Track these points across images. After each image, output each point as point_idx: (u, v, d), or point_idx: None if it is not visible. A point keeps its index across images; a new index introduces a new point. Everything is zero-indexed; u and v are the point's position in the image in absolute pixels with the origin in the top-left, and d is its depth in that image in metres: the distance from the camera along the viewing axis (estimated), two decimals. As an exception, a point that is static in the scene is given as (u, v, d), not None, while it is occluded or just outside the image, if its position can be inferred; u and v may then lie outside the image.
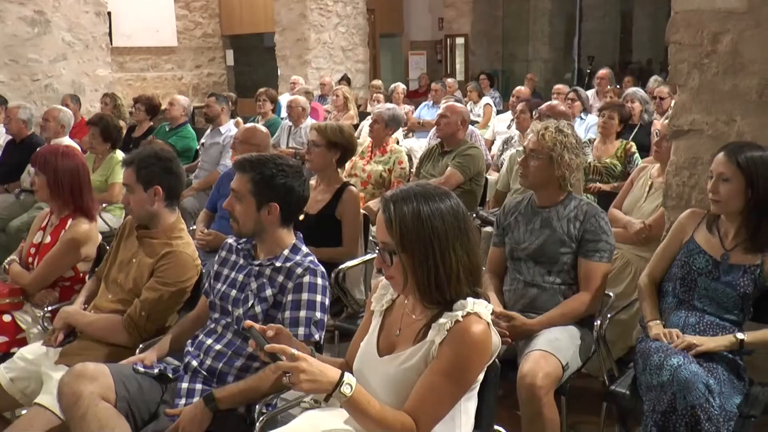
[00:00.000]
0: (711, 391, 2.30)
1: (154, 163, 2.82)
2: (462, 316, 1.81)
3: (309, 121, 6.81)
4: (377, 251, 1.88)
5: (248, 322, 1.83)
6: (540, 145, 2.94)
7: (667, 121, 3.43)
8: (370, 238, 3.98)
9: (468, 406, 1.93)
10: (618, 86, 8.44)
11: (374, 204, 4.49)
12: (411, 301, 1.97)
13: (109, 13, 8.42)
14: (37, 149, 3.41)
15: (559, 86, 7.82)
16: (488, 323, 1.85)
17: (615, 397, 2.68)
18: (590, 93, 8.03)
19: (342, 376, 1.71)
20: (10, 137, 6.05)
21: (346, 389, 1.71)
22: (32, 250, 3.33)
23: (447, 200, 1.86)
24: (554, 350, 2.63)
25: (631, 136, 5.52)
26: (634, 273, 3.53)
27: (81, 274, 3.27)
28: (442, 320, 1.83)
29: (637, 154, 4.84)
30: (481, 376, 1.90)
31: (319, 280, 2.40)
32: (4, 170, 5.90)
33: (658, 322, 2.67)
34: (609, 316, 2.89)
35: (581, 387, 3.09)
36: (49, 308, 3.12)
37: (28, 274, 3.23)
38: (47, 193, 3.25)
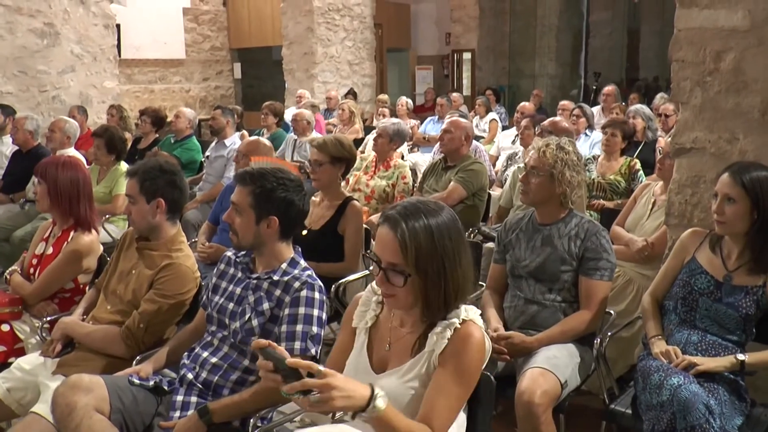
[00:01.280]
0: (711, 411, 2.27)
1: (158, 175, 2.83)
2: (459, 324, 1.85)
3: (314, 135, 6.83)
4: (380, 270, 1.84)
5: (261, 341, 1.75)
6: (541, 162, 2.93)
7: (670, 138, 3.42)
8: (365, 253, 3.96)
9: (460, 415, 1.94)
10: (624, 103, 8.43)
11: (377, 218, 4.48)
12: (399, 315, 1.96)
13: (118, 26, 8.49)
14: (42, 160, 3.43)
15: (564, 102, 7.83)
16: (481, 326, 1.89)
17: (615, 416, 2.66)
18: (596, 109, 8.02)
19: (373, 390, 1.65)
20: (16, 148, 6.09)
21: (380, 403, 1.64)
22: (34, 261, 3.33)
23: (446, 212, 1.88)
24: (553, 368, 2.61)
25: (636, 153, 5.51)
26: (636, 291, 3.51)
27: (81, 286, 3.27)
28: (438, 329, 1.85)
29: (641, 172, 4.83)
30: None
31: (317, 295, 2.39)
32: (10, 180, 5.93)
33: (660, 337, 2.66)
34: (610, 334, 2.87)
35: (581, 405, 3.07)
36: (48, 319, 3.12)
37: (28, 285, 3.23)
38: (47, 202, 3.26)
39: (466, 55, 14.84)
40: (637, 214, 3.88)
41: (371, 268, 1.89)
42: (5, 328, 3.13)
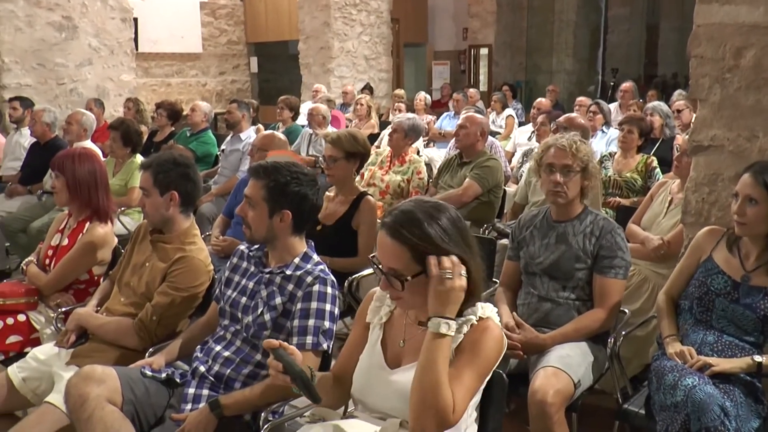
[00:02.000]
0: (727, 413, 2.24)
1: (171, 168, 2.83)
2: (476, 321, 1.86)
3: (330, 129, 6.82)
4: (382, 274, 1.86)
5: (273, 342, 1.79)
6: (575, 159, 2.91)
7: (687, 136, 3.38)
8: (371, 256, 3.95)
9: (475, 403, 1.95)
10: (642, 100, 8.35)
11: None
12: (413, 312, 1.97)
13: (135, 20, 8.54)
14: (58, 152, 3.45)
15: (581, 99, 7.77)
16: (498, 324, 1.90)
17: (628, 416, 2.64)
18: (613, 106, 7.96)
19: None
20: (34, 140, 6.13)
21: (450, 329, 1.77)
22: (50, 252, 3.36)
23: (446, 214, 1.87)
24: (566, 367, 2.59)
25: (653, 151, 5.46)
26: (651, 290, 3.47)
27: (96, 277, 3.29)
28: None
29: (658, 169, 4.78)
30: (485, 379, 1.92)
31: (329, 289, 2.39)
32: (28, 172, 5.98)
33: (675, 337, 2.63)
34: (624, 333, 2.84)
35: (594, 404, 3.05)
36: (63, 309, 3.14)
37: (44, 276, 3.26)
38: (66, 195, 3.28)
39: (483, 51, 14.78)
40: (654, 212, 3.84)
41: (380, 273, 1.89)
42: (21, 318, 3.17)
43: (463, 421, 1.87)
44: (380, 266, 1.86)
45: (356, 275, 3.45)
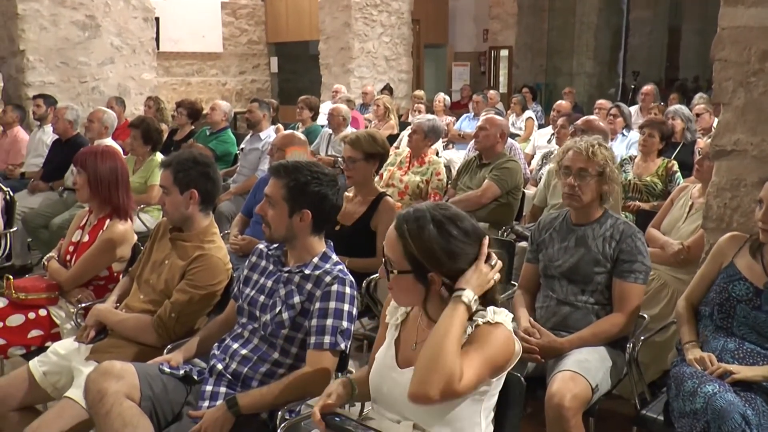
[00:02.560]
0: (748, 422, 2.20)
1: (191, 167, 2.85)
2: (482, 323, 1.87)
3: (349, 130, 6.83)
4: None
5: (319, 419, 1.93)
6: (591, 162, 2.88)
7: (710, 140, 3.34)
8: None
9: (488, 408, 1.94)
10: (662, 103, 8.29)
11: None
12: (425, 315, 1.98)
13: (157, 19, 8.60)
14: (81, 149, 3.48)
15: (601, 101, 7.73)
16: (511, 330, 1.90)
17: (646, 422, 2.62)
18: (633, 109, 7.90)
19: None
20: (56, 137, 6.20)
21: (472, 301, 1.84)
22: (70, 248, 3.39)
23: (459, 225, 1.90)
24: (584, 371, 2.57)
25: (674, 155, 5.41)
26: (670, 295, 3.44)
27: (115, 274, 3.32)
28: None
29: (678, 173, 4.74)
30: (500, 382, 1.92)
31: (347, 290, 2.39)
32: (50, 169, 6.04)
33: (695, 343, 2.60)
34: (643, 338, 2.82)
35: (611, 409, 3.02)
36: (83, 305, 3.17)
37: (65, 272, 3.29)
38: (87, 191, 3.31)
39: (504, 53, 14.74)
40: (674, 216, 3.80)
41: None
42: (42, 313, 3.20)
43: (476, 424, 1.87)
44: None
45: (374, 276, 3.45)
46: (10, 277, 3.24)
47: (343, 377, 2.14)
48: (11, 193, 4.67)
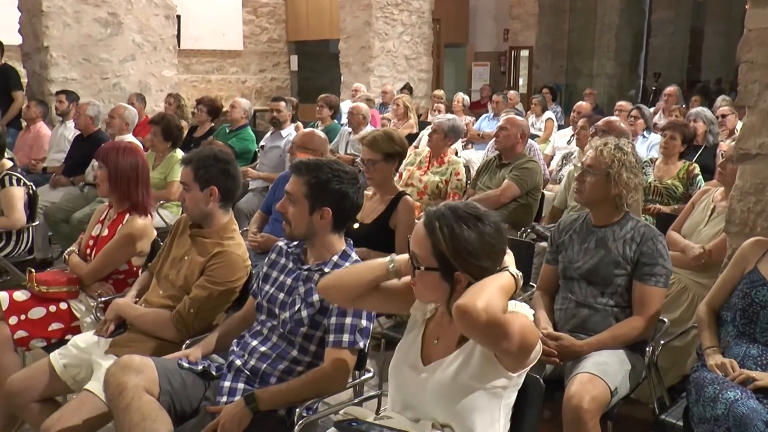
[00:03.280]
0: (771, 429, 2.18)
1: (212, 164, 2.86)
2: None
3: (369, 129, 6.83)
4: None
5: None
6: (597, 161, 2.87)
7: (733, 142, 3.31)
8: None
9: (507, 405, 1.94)
10: (684, 105, 8.21)
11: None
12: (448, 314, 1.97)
13: (178, 17, 8.64)
14: (102, 145, 3.50)
15: (621, 103, 7.67)
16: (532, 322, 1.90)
17: (665, 427, 2.59)
18: (654, 111, 7.84)
19: None
20: (78, 132, 6.26)
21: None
22: (91, 242, 3.42)
23: (487, 223, 1.89)
24: (603, 374, 2.55)
25: (695, 158, 5.36)
26: (690, 299, 3.41)
27: (134, 268, 3.34)
28: None
29: (700, 176, 4.70)
30: (520, 379, 1.92)
31: (366, 288, 2.39)
32: (71, 164, 6.10)
33: (716, 349, 2.57)
34: (663, 342, 2.80)
35: (629, 413, 3.00)
36: (102, 299, 3.20)
37: (85, 265, 3.32)
38: (107, 186, 3.33)
39: (524, 53, 14.69)
40: (695, 220, 3.76)
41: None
42: (63, 306, 3.23)
43: (496, 421, 1.86)
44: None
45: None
46: (32, 270, 3.27)
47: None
48: (34, 188, 4.72)
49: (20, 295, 3.20)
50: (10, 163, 4.64)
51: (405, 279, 2.08)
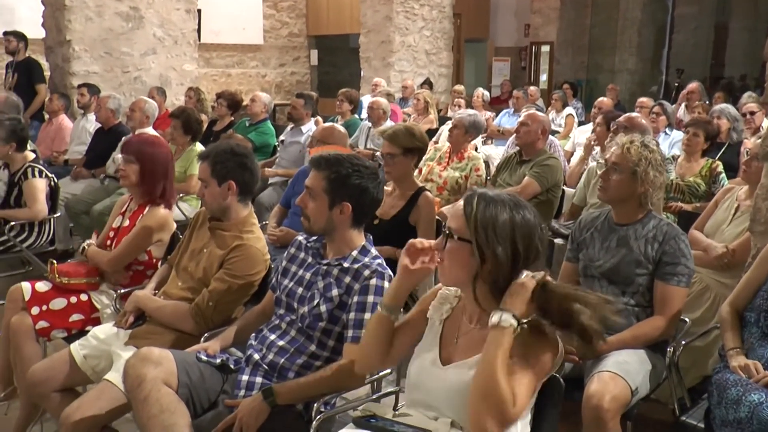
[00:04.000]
0: (796, 433, 2.15)
1: (229, 158, 2.86)
2: (526, 325, 1.83)
3: (389, 124, 6.81)
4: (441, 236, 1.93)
5: None
6: (624, 158, 2.83)
7: (759, 140, 3.26)
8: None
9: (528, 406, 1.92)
10: (707, 102, 8.11)
11: (448, 210, 4.43)
12: (469, 312, 1.97)
13: (199, 11, 8.67)
14: (128, 138, 3.50)
15: (643, 99, 7.59)
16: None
17: (685, 429, 2.57)
18: (675, 107, 7.75)
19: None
20: (99, 125, 6.30)
21: (513, 323, 1.78)
22: (111, 234, 3.44)
23: (528, 211, 1.89)
24: (623, 373, 2.52)
25: (718, 155, 5.29)
26: (712, 299, 3.36)
27: (154, 260, 3.35)
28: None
29: (723, 174, 4.64)
30: (540, 384, 1.90)
31: (386, 284, 2.38)
32: (92, 156, 6.15)
33: (740, 350, 2.53)
34: (684, 342, 2.76)
35: (649, 414, 2.96)
36: (122, 291, 3.22)
37: (107, 253, 3.33)
38: (137, 179, 3.32)
39: (545, 48, 14.59)
40: (718, 218, 3.71)
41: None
42: (83, 297, 3.26)
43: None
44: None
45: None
46: (54, 261, 3.30)
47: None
48: (55, 180, 4.76)
49: (42, 286, 3.23)
50: (32, 155, 4.69)
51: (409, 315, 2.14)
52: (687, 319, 2.93)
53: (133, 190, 3.42)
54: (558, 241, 4.06)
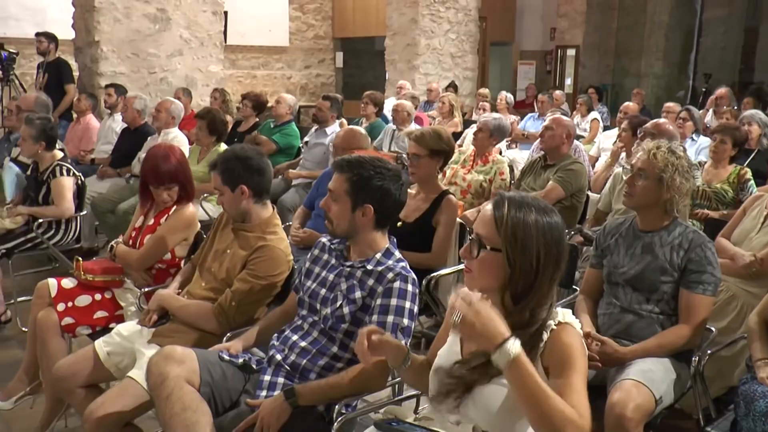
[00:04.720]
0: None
1: (235, 164, 2.87)
2: (555, 326, 1.81)
3: (413, 126, 6.81)
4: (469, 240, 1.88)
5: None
6: (650, 164, 2.80)
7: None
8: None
9: None
10: (736, 107, 8.00)
11: (471, 213, 4.42)
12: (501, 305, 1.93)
13: (225, 13, 8.74)
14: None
15: (669, 104, 7.51)
16: (579, 331, 1.85)
17: (710, 439, 2.52)
18: (703, 113, 7.65)
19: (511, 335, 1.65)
20: (125, 125, 6.37)
21: (515, 346, 1.63)
22: (133, 234, 3.47)
23: (555, 217, 1.85)
24: (648, 381, 2.49)
25: (747, 161, 5.21)
26: (739, 308, 3.31)
27: (177, 259, 3.39)
28: (531, 330, 1.80)
29: (752, 182, 4.57)
30: None
31: (410, 287, 2.37)
32: (118, 156, 6.22)
33: None
34: (709, 352, 2.72)
35: (673, 424, 2.93)
36: (146, 290, 3.25)
37: (135, 251, 3.37)
38: (175, 197, 3.40)
39: (570, 52, 14.48)
40: (746, 227, 3.65)
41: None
42: (108, 295, 3.31)
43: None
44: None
45: (435, 274, 3.43)
46: (80, 258, 3.34)
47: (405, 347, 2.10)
48: (82, 178, 4.82)
49: (68, 283, 3.28)
50: (60, 154, 4.75)
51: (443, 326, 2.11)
52: (713, 329, 2.89)
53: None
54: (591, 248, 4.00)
